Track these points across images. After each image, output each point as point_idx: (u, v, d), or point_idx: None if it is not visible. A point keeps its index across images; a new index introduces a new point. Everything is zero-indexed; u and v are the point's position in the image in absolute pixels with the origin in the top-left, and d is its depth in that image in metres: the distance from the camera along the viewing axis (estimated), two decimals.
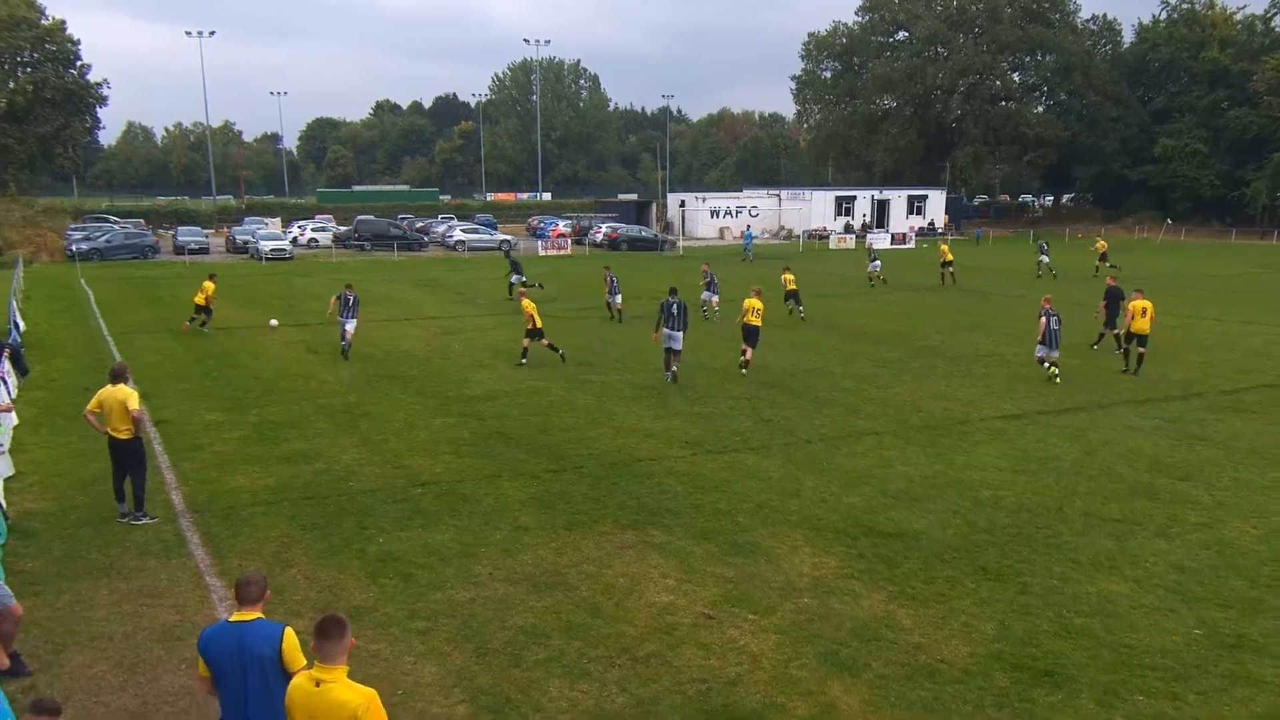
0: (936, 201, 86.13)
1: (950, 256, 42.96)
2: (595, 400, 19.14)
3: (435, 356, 24.08)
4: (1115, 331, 23.93)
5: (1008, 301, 36.20)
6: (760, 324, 22.05)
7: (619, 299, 30.85)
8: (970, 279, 44.03)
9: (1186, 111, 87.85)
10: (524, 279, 36.55)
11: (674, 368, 20.69)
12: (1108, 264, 45.71)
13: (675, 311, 20.48)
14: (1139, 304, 21.86)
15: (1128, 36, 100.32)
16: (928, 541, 11.72)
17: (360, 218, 69.18)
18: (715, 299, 31.56)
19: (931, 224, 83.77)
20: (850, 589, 10.44)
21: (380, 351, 24.64)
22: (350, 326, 23.92)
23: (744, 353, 21.78)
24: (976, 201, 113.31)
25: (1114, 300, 24.53)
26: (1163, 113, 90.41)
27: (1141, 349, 21.86)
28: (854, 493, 13.50)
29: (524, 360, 22.82)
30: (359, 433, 16.66)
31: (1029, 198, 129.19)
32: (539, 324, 22.74)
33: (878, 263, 42.33)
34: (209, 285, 28.19)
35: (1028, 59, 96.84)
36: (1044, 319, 21.10)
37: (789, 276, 31.62)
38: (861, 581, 10.62)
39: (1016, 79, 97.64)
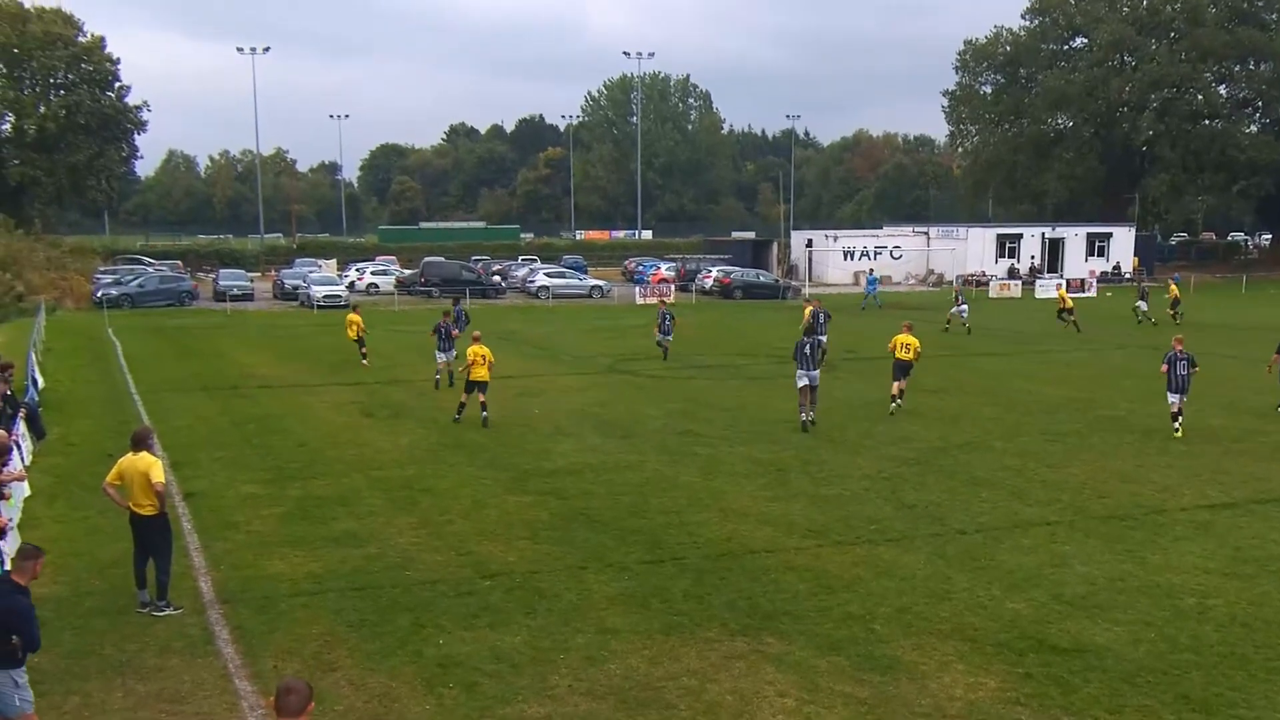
0: (1123, 240, 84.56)
1: (1070, 303, 44.98)
2: (700, 477, 19.05)
3: (511, 423, 24.25)
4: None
5: (1214, 363, 35.04)
6: (913, 359, 25.45)
7: (670, 338, 35.33)
8: (1165, 335, 42.77)
9: None
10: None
11: (811, 413, 23.55)
12: (1175, 312, 47.81)
13: (809, 351, 23.61)
14: None
15: None
16: (1114, 661, 11.30)
17: (428, 260, 70.86)
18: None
19: (1117, 268, 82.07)
20: (1015, 717, 10.09)
21: (446, 416, 24.88)
22: (445, 358, 28.32)
23: (896, 390, 25.33)
24: (1174, 241, 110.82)
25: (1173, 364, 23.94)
26: None
27: None
28: (1019, 597, 13.13)
29: (458, 419, 24.02)
30: (419, 511, 16.83)
31: (1240, 236, 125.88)
32: (481, 375, 23.87)
33: (965, 307, 45.16)
34: (354, 317, 34.25)
35: (1237, 68, 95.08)
36: (1167, 365, 23.15)
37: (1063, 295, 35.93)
38: (1029, 709, 10.27)
39: (1223, 92, 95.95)
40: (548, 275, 69.12)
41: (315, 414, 25.51)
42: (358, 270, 73.04)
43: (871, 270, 65.23)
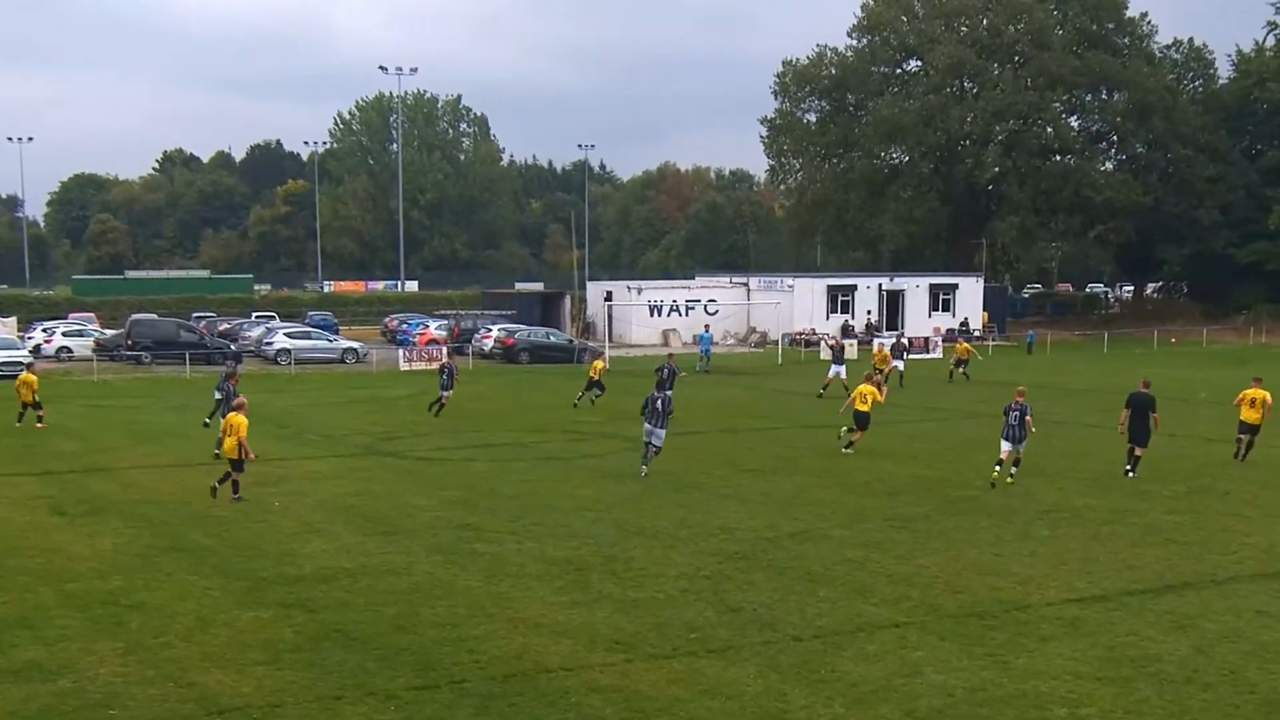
0: (970, 292, 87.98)
1: (968, 354, 48.47)
2: (482, 581, 18.82)
3: (245, 518, 23.67)
4: (1139, 449, 28.34)
5: (1077, 433, 36.77)
6: (870, 410, 31.44)
7: (450, 394, 39.24)
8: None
9: None
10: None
11: (647, 462, 28.06)
12: (962, 370, 53.04)
13: (660, 407, 27.81)
14: (1254, 394, 29.36)
15: (1223, 69, 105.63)
16: None
17: (136, 317, 68.68)
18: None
19: (965, 324, 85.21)
20: None
21: (161, 512, 24.11)
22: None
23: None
24: (1027, 293, 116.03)
25: (1141, 410, 28.35)
26: (1277, 170, 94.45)
27: (1253, 436, 29.62)
28: (867, 713, 13.30)
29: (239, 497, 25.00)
30: (126, 634, 16.17)
31: (1100, 288, 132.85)
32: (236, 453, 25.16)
33: (841, 367, 47.59)
34: (29, 378, 36.66)
35: (1089, 98, 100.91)
36: (1007, 414, 27.41)
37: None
38: None
39: (1075, 124, 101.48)
40: (289, 336, 67.72)
41: None
42: (45, 331, 70.06)
43: (707, 327, 66.29)
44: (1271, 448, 31.84)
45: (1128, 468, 28.17)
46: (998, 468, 27.08)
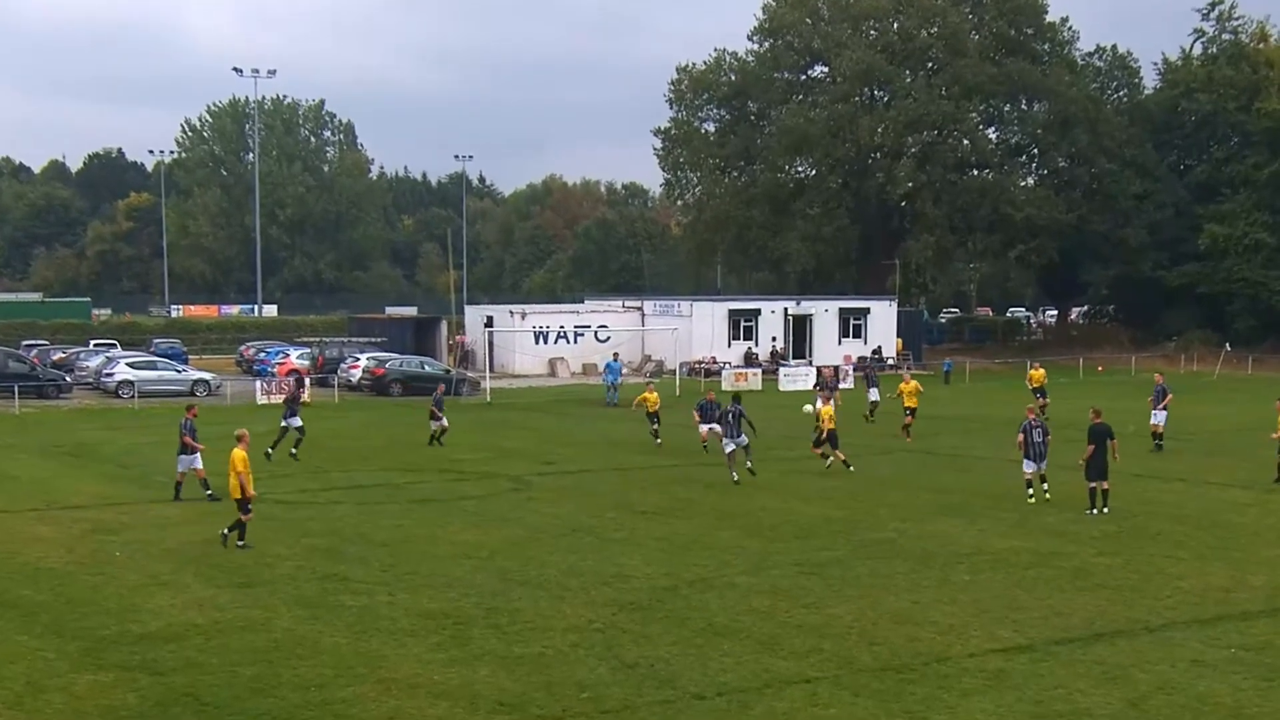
0: (883, 317, 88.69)
1: (914, 402, 45.41)
2: (350, 638, 18.65)
3: (83, 570, 23.31)
4: (1103, 485, 28.77)
5: (995, 469, 37.18)
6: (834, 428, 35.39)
7: (298, 420, 38.40)
8: (939, 438, 45.22)
9: (1241, 186, 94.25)
10: None
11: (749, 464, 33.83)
12: (1043, 400, 51.07)
13: (732, 419, 33.46)
14: None
15: (1149, 79, 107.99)
16: None
17: None
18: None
19: (877, 352, 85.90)
20: None
21: None
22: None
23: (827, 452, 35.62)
24: (943, 318, 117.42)
25: (1101, 441, 28.82)
26: (1207, 187, 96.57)
27: None
28: None
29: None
30: None
31: (1022, 312, 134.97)
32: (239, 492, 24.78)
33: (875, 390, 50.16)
34: None
35: (1008, 108, 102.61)
36: (1023, 433, 29.53)
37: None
38: None
39: (993, 137, 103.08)
40: (132, 366, 66.64)
41: None
42: None
43: (616, 356, 65.87)
44: (1204, 485, 32.52)
45: (1094, 509, 28.55)
46: (1031, 490, 29.97)
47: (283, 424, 38.81)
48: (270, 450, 37.50)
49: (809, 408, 40.28)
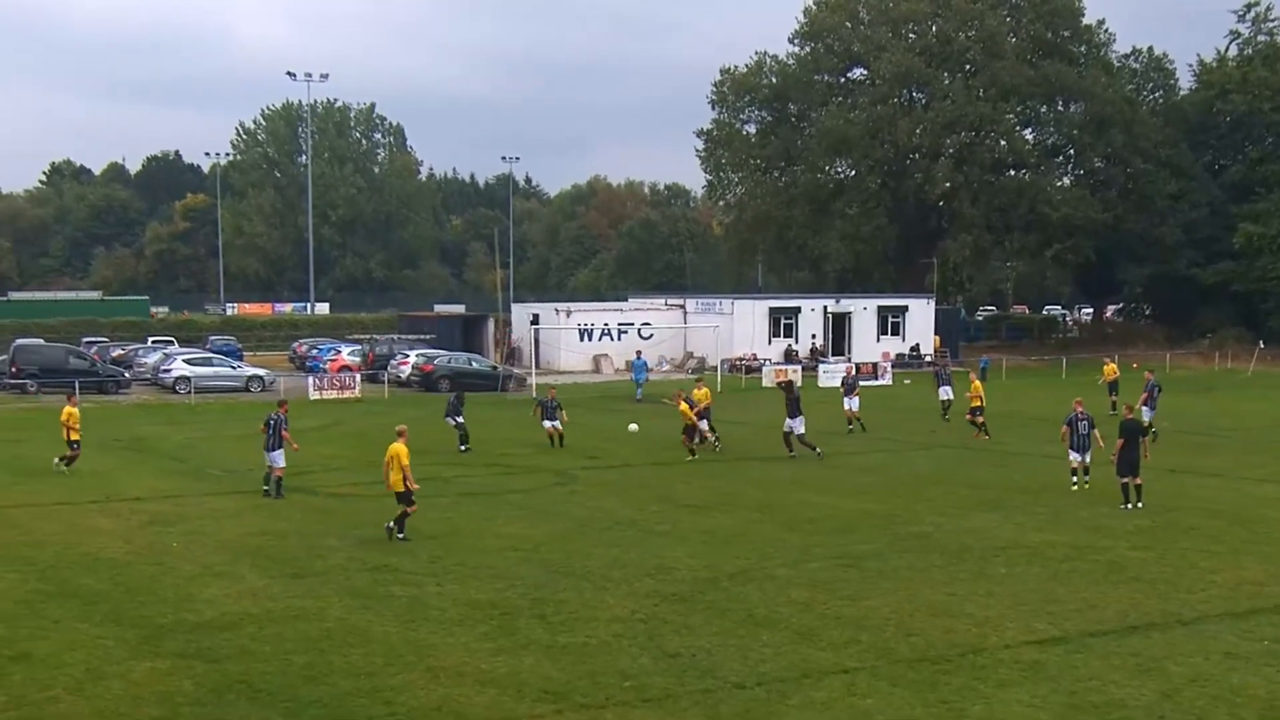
0: (921, 315, 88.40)
1: (980, 400, 44.25)
2: (399, 627, 18.71)
3: (141, 561, 23.40)
4: (1135, 481, 28.79)
5: (1032, 464, 37.03)
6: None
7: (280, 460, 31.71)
8: (967, 431, 45.01)
9: (1275, 185, 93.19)
10: None
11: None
12: (1114, 396, 50.19)
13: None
14: None
15: (1184, 80, 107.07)
16: None
17: (20, 343, 67.54)
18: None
19: (916, 349, 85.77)
20: None
21: (48, 555, 23.78)
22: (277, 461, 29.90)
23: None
24: (980, 315, 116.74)
25: (1132, 437, 29.00)
26: (1242, 187, 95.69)
27: None
28: None
29: None
30: (9, 687, 15.96)
31: (1058, 310, 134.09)
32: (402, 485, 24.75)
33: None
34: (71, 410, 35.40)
35: (1044, 109, 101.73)
36: (1068, 425, 30.99)
37: None
38: None
39: (1029, 138, 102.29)
40: (188, 363, 67.02)
41: None
42: None
43: (639, 353, 66.08)
44: (1238, 480, 32.30)
45: (1128, 504, 28.48)
46: (1074, 478, 31.27)
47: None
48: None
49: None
